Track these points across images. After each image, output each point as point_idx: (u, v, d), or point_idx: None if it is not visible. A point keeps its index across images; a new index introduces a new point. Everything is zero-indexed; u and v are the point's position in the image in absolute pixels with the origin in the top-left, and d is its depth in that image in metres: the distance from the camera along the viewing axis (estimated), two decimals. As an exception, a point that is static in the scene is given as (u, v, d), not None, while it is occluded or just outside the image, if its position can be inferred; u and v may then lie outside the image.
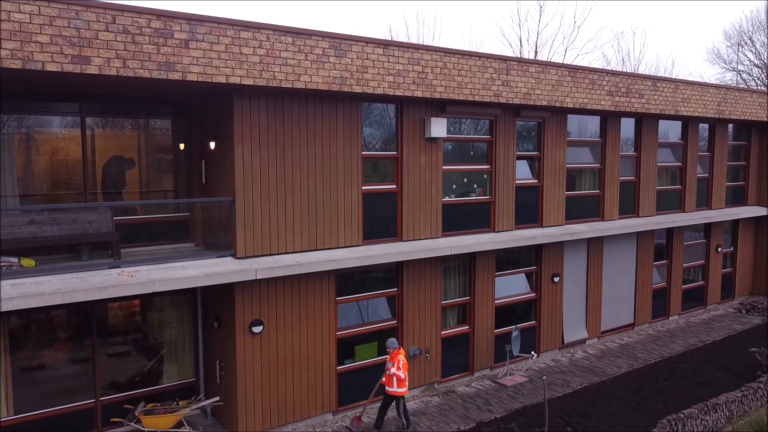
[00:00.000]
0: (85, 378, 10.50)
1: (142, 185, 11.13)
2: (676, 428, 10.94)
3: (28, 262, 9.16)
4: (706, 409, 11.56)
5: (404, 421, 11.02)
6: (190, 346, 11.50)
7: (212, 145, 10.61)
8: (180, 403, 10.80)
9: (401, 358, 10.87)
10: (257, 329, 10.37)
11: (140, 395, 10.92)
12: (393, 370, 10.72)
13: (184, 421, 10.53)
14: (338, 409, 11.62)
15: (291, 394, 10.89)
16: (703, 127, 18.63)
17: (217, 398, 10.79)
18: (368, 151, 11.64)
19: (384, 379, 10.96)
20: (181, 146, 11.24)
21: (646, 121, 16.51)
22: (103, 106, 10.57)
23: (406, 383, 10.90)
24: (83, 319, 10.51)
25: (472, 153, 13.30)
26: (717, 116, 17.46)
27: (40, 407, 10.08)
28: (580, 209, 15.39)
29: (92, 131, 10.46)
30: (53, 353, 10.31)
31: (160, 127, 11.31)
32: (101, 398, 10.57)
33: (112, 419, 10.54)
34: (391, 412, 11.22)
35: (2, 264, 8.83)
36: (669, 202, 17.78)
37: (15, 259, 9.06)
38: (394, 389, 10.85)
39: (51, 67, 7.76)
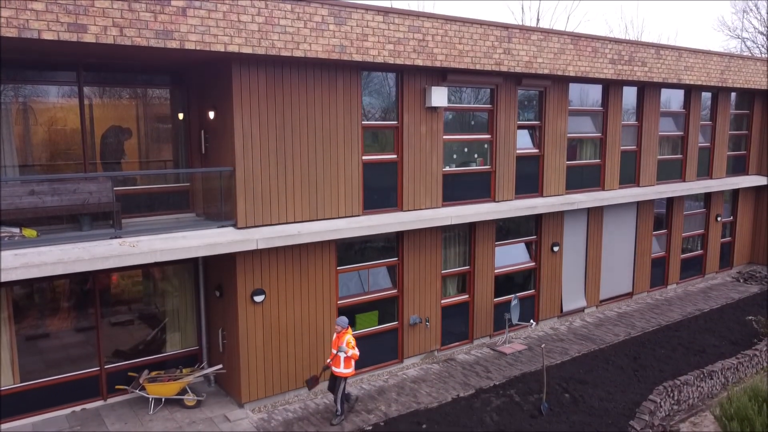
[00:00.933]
0: (89, 346, 10.63)
1: (141, 155, 11.09)
2: (672, 394, 11.12)
3: (29, 233, 9.19)
4: (702, 376, 11.73)
5: (338, 408, 10.25)
6: (193, 315, 11.61)
7: (211, 114, 10.54)
8: (183, 370, 10.95)
9: (350, 338, 10.19)
10: (259, 298, 10.46)
11: (144, 363, 11.07)
12: (351, 352, 10.06)
13: (187, 389, 10.70)
14: (339, 376, 11.78)
15: (293, 362, 11.03)
16: (706, 96, 18.48)
17: (220, 366, 10.94)
18: (368, 120, 11.57)
19: (329, 360, 10.29)
20: (180, 116, 11.16)
21: (648, 90, 16.38)
22: (101, 76, 10.47)
23: (353, 364, 10.28)
24: (86, 289, 10.59)
25: (472, 122, 13.22)
26: (720, 84, 17.30)
27: (46, 375, 10.23)
28: (581, 179, 15.37)
29: (90, 101, 10.38)
30: (57, 322, 10.41)
31: (158, 96, 11.22)
32: (106, 366, 10.73)
33: (116, 386, 10.72)
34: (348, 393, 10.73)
35: (4, 234, 8.86)
36: (670, 172, 17.75)
37: (17, 230, 9.08)
38: (340, 370, 10.13)
39: (47, 36, 7.66)
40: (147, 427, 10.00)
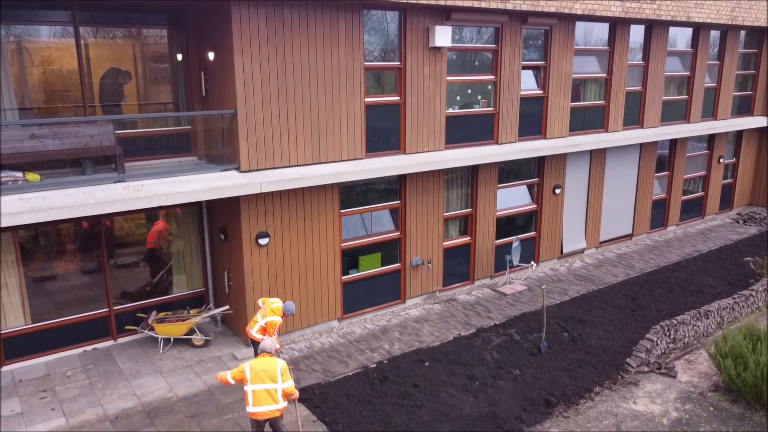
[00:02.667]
0: (96, 288, 10.81)
1: (141, 98, 10.93)
2: (668, 333, 11.39)
3: (33, 177, 9.17)
4: (698, 315, 11.97)
5: None
6: (198, 257, 11.74)
7: (211, 55, 10.33)
8: (191, 311, 11.18)
9: (278, 322, 9.28)
10: (263, 241, 10.55)
11: (151, 305, 11.29)
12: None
13: (195, 329, 10.95)
14: (343, 316, 12.04)
15: (298, 303, 11.24)
16: (714, 34, 18.05)
17: (227, 307, 11.15)
18: (370, 61, 11.35)
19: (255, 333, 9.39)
20: (179, 57, 10.95)
21: (656, 29, 15.99)
22: (97, 15, 10.19)
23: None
24: (91, 232, 10.67)
25: (476, 63, 12.97)
26: (729, 23, 16.87)
27: (56, 316, 10.45)
28: (584, 120, 15.23)
29: (86, 41, 10.15)
30: (63, 264, 10.54)
31: (155, 36, 10.95)
32: (114, 308, 10.94)
33: (126, 327, 10.97)
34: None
35: (7, 179, 8.85)
36: (674, 113, 17.56)
37: (20, 174, 9.06)
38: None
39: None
40: (157, 366, 10.29)
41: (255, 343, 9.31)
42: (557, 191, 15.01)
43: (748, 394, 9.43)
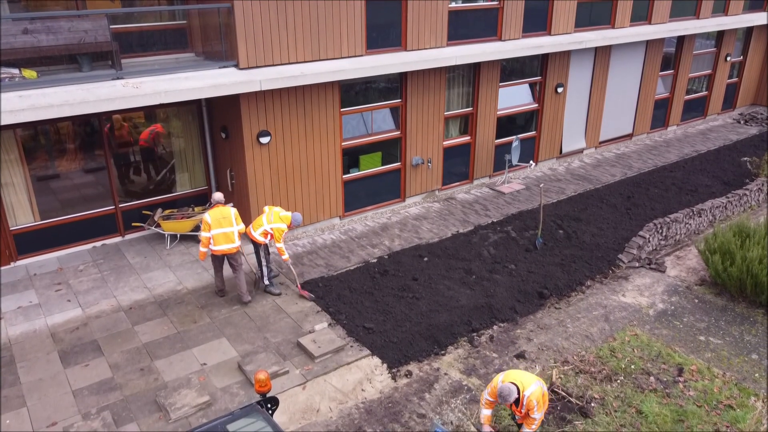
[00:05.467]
0: (101, 187, 10.97)
1: (133, -10, 10.56)
2: (661, 231, 11.72)
3: (29, 74, 9.06)
4: (691, 214, 12.26)
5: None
6: (200, 156, 11.82)
7: (204, -56, 9.88)
8: (195, 209, 11.41)
9: (284, 229, 9.50)
10: (265, 140, 10.59)
11: (156, 202, 11.50)
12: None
13: (200, 227, 11.21)
14: (345, 214, 12.30)
15: (300, 202, 11.45)
16: None
17: (231, 204, 11.34)
18: (371, -50, 10.85)
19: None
20: (171, -55, 10.46)
21: None
22: None
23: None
24: (91, 131, 10.67)
25: (481, -47, 12.40)
26: None
27: (64, 214, 10.68)
28: (591, 15, 14.76)
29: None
30: (66, 164, 10.63)
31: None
32: (120, 205, 11.15)
33: (133, 224, 11.24)
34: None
35: (4, 75, 8.74)
36: (684, 8, 16.97)
37: (16, 71, 8.94)
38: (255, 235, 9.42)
39: None
40: (166, 261, 10.67)
41: (255, 244, 9.56)
42: (559, 90, 14.83)
43: (732, 287, 9.87)
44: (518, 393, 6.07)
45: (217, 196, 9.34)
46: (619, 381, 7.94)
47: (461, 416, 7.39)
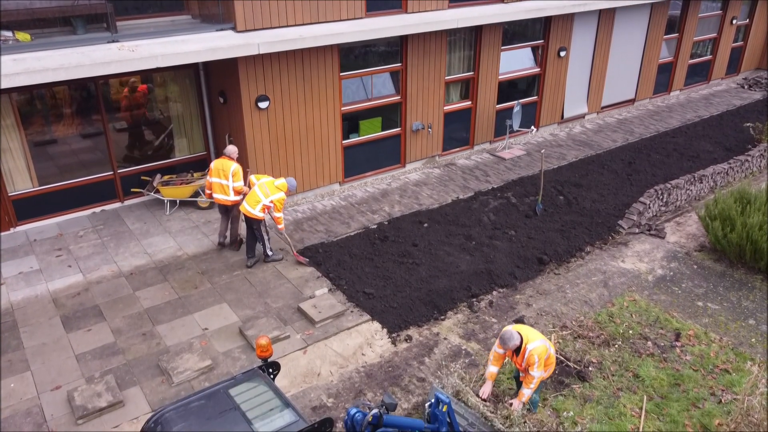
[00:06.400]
0: (99, 152, 10.89)
1: (127, -51, 10.30)
2: (661, 197, 11.69)
3: (23, 36, 8.90)
4: (692, 179, 12.21)
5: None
6: (198, 121, 11.70)
7: None
8: (194, 174, 11.35)
9: (284, 198, 9.43)
10: (263, 104, 10.47)
11: (154, 168, 11.43)
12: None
13: (200, 191, 11.18)
14: (344, 180, 12.25)
15: (299, 167, 11.39)
16: None
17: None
18: None
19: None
20: None
21: None
22: None
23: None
24: (87, 95, 10.54)
25: None
26: None
27: (62, 179, 10.63)
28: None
29: None
30: (64, 129, 10.53)
31: None
32: (119, 171, 11.09)
33: (132, 189, 11.20)
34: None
35: (-2, 38, 8.60)
36: (690, -31, 16.63)
37: (9, 33, 8.79)
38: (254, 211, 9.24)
39: None
40: (166, 227, 10.66)
41: (250, 220, 9.24)
42: (562, 54, 14.61)
43: (731, 253, 9.90)
44: (521, 342, 6.12)
45: (228, 148, 9.58)
46: (616, 346, 8.02)
47: (460, 382, 7.48)
